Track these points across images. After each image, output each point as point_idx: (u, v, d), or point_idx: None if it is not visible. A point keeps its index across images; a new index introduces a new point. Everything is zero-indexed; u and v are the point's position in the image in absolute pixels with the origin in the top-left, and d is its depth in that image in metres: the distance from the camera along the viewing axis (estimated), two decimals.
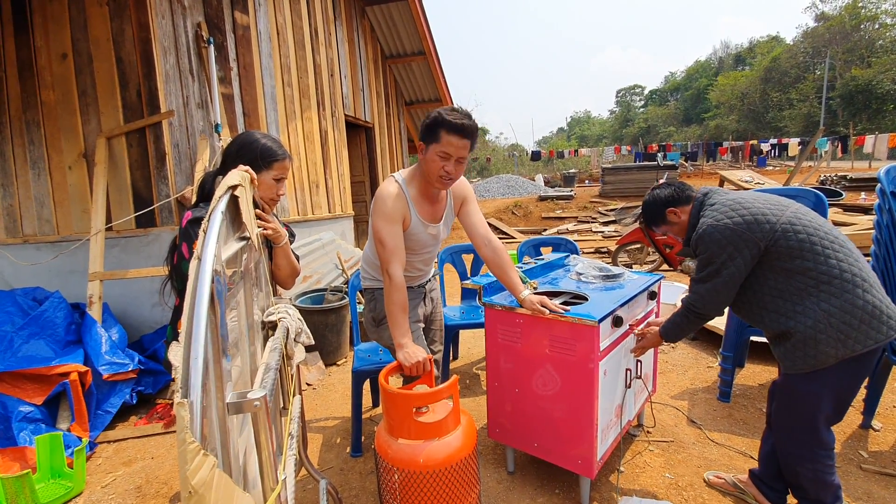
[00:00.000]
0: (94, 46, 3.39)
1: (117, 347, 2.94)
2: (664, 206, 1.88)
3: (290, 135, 4.94)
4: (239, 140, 1.68)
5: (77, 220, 3.59)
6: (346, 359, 3.84)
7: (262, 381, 0.91)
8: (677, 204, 1.87)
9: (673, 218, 1.88)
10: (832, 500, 1.70)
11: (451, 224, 2.07)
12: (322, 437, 2.71)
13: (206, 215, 0.77)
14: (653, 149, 18.53)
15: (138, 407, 3.02)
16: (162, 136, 3.37)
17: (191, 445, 0.56)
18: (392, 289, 1.75)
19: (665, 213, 1.88)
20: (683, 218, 1.87)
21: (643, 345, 2.05)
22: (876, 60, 30.17)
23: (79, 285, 3.31)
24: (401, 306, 1.76)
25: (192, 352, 0.60)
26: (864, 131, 23.80)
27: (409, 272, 2.00)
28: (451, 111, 1.73)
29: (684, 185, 1.91)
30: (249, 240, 1.11)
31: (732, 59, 51.65)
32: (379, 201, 1.81)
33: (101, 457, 2.58)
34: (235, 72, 4.13)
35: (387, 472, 1.59)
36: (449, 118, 1.70)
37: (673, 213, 1.88)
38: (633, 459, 2.32)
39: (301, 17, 5.28)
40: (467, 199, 2.04)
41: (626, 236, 6.07)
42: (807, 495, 1.73)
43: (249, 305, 1.10)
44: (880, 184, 2.27)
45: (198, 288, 0.65)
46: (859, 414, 2.55)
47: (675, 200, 1.88)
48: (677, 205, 1.87)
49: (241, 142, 1.67)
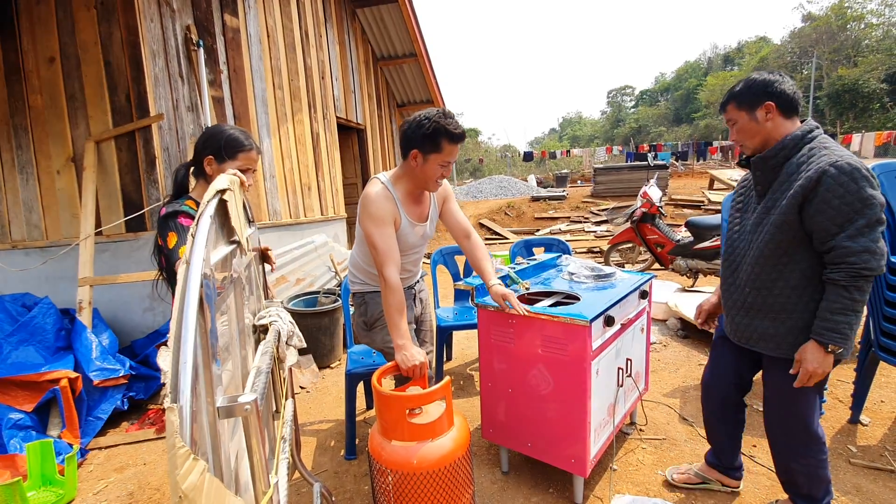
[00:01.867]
0: (82, 50, 3.37)
1: (108, 353, 2.91)
2: (766, 97, 1.54)
3: (282, 137, 4.93)
4: (207, 132, 1.71)
5: (66, 224, 3.56)
6: (340, 361, 3.83)
7: (252, 384, 0.91)
8: (783, 105, 1.54)
9: (762, 115, 1.56)
10: (823, 494, 1.71)
11: (436, 222, 2.10)
12: (316, 440, 2.70)
13: (195, 218, 0.77)
14: (643, 149, 18.68)
15: (130, 413, 3.00)
16: (151, 140, 3.35)
17: (180, 450, 0.56)
18: (388, 291, 1.76)
19: (763, 101, 1.55)
20: (771, 126, 1.56)
21: (807, 381, 1.52)
22: (862, 60, 30.61)
23: (68, 291, 3.28)
24: (398, 308, 1.76)
25: (181, 356, 0.60)
26: (851, 130, 24.11)
27: (400, 274, 2.01)
28: (445, 118, 1.74)
29: (799, 99, 1.58)
30: (239, 244, 1.11)
31: (721, 59, 52.17)
32: (368, 204, 1.80)
33: (92, 463, 2.56)
34: (225, 75, 4.11)
35: (380, 474, 1.59)
36: (449, 128, 1.72)
37: (770, 108, 1.54)
38: (626, 457, 2.33)
39: (291, 20, 5.27)
40: (448, 197, 2.11)
41: (618, 236, 6.10)
42: (799, 491, 1.73)
43: (240, 309, 1.10)
44: None
45: (186, 292, 0.65)
46: (848, 409, 2.59)
47: (784, 101, 1.53)
48: (782, 105, 1.54)
49: (209, 133, 1.70)
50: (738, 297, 1.71)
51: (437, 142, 1.74)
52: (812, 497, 1.71)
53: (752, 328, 1.68)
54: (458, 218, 2.12)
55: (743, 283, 1.68)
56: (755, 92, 1.56)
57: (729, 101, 1.64)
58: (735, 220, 1.79)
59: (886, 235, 2.19)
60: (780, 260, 1.56)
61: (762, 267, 1.60)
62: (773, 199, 1.57)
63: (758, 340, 1.67)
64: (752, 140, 1.61)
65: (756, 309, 1.65)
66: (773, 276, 1.58)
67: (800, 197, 1.46)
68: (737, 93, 1.62)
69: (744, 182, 1.82)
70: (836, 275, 1.44)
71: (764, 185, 1.63)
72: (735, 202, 1.82)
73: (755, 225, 1.64)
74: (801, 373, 1.51)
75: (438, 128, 1.72)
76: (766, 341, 1.64)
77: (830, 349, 1.46)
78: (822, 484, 1.69)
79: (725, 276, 1.79)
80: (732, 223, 1.80)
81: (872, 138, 15.98)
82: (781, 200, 1.53)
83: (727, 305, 1.80)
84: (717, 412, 1.96)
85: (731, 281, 1.75)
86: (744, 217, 1.73)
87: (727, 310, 1.80)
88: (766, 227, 1.57)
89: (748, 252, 1.66)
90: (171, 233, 1.54)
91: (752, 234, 1.65)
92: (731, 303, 1.75)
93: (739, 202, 1.79)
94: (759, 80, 1.57)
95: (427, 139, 1.74)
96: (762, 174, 1.61)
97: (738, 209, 1.79)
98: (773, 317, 1.61)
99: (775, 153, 1.56)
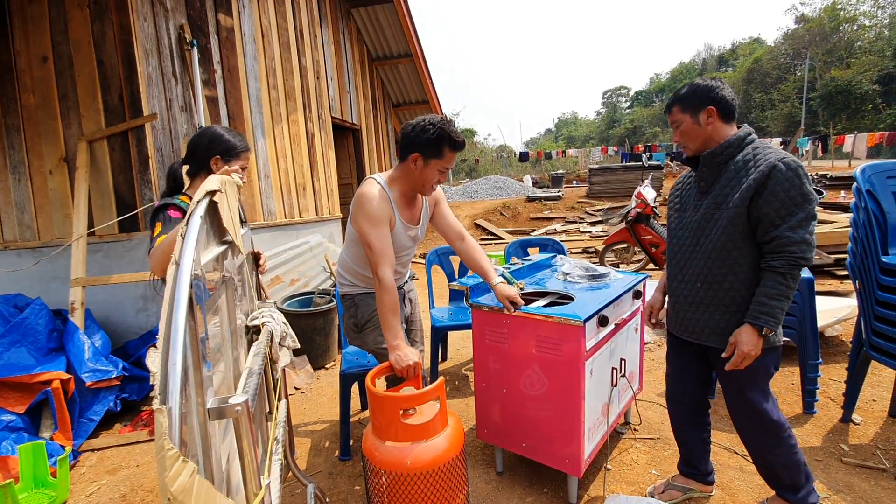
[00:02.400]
0: (75, 49, 3.35)
1: (100, 354, 2.89)
2: (708, 102, 1.62)
3: (276, 137, 4.91)
4: (207, 133, 1.76)
5: (59, 225, 3.53)
6: (335, 362, 3.83)
7: (244, 386, 0.91)
8: (723, 110, 1.63)
9: (704, 118, 1.64)
10: (805, 479, 1.74)
11: (427, 225, 2.11)
12: (310, 441, 2.70)
13: (186, 216, 0.77)
14: (639, 149, 18.70)
15: (123, 414, 2.98)
16: (145, 140, 3.33)
17: (169, 452, 0.56)
18: (383, 291, 1.76)
19: (705, 106, 1.63)
20: (711, 129, 1.64)
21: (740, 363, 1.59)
22: (855, 61, 30.81)
23: (61, 291, 3.25)
24: (392, 308, 1.77)
25: (170, 358, 0.60)
26: (844, 131, 24.26)
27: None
28: (449, 126, 1.78)
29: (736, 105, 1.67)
30: (232, 244, 1.10)
31: (716, 60, 52.39)
32: (364, 203, 1.80)
33: (84, 465, 2.54)
34: (220, 74, 4.09)
35: (374, 475, 1.59)
36: (453, 136, 1.77)
37: (711, 113, 1.63)
38: (620, 457, 2.34)
39: (286, 19, 5.25)
40: (440, 200, 2.12)
41: (613, 236, 6.12)
42: (782, 483, 1.76)
43: (232, 310, 1.09)
44: (857, 183, 2.32)
45: (176, 293, 0.64)
46: (840, 408, 2.60)
47: (724, 106, 1.62)
48: (722, 110, 1.63)
49: (211, 134, 1.75)
50: (689, 292, 1.75)
51: (440, 148, 1.77)
52: (796, 486, 1.74)
53: (703, 323, 1.72)
54: (450, 221, 2.12)
55: (693, 278, 1.73)
56: (699, 97, 1.65)
57: (674, 104, 1.72)
58: (674, 219, 1.86)
59: (876, 234, 2.21)
60: (730, 254, 1.63)
61: (714, 261, 1.66)
62: (721, 196, 1.64)
63: (710, 335, 1.71)
64: (693, 142, 1.70)
65: (706, 303, 1.70)
66: (724, 271, 1.65)
67: (752, 190, 1.54)
68: (682, 96, 1.69)
69: (679, 184, 1.90)
70: (776, 262, 1.53)
71: (708, 182, 1.70)
72: (672, 203, 1.90)
73: (702, 221, 1.70)
74: (735, 355, 1.59)
75: (443, 134, 1.75)
76: (718, 335, 1.69)
77: (764, 332, 1.56)
78: (801, 468, 1.73)
79: (674, 273, 1.83)
80: (671, 222, 1.88)
81: (865, 139, 16.12)
82: (732, 195, 1.61)
83: (676, 301, 1.84)
84: (689, 419, 1.97)
85: (681, 277, 1.79)
86: (683, 215, 1.80)
87: (675, 306, 1.84)
88: (719, 221, 1.64)
89: (697, 248, 1.72)
90: (158, 223, 1.57)
91: (699, 230, 1.71)
92: (682, 298, 1.79)
93: (676, 202, 1.87)
94: (702, 86, 1.65)
95: (430, 144, 1.76)
96: (708, 171, 1.69)
97: (676, 209, 1.86)
98: (723, 310, 1.67)
99: (722, 150, 1.64)
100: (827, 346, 3.48)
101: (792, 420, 2.60)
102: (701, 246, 1.70)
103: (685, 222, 1.78)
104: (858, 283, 2.35)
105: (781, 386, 2.96)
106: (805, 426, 2.53)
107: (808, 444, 2.36)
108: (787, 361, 3.16)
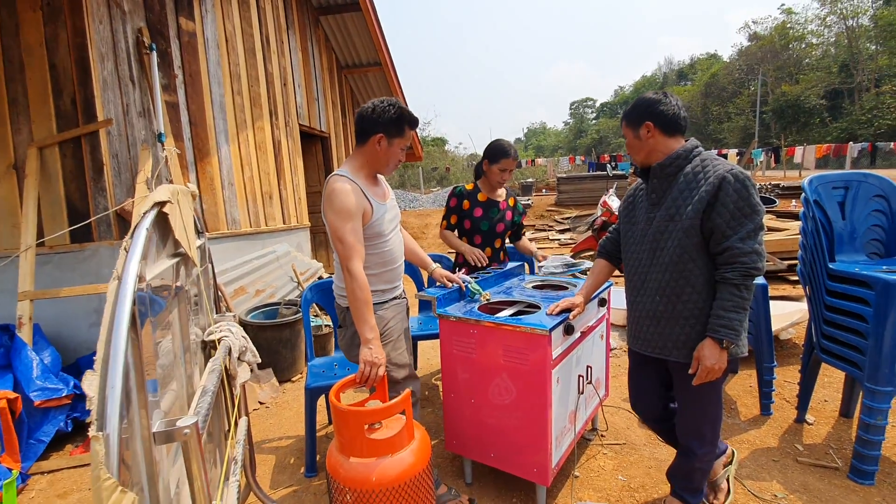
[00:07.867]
0: (27, 53, 3.19)
1: (50, 372, 2.74)
2: (647, 117, 1.66)
3: (241, 144, 4.80)
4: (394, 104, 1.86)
5: (6, 235, 3.33)
6: (302, 375, 3.74)
7: (196, 406, 0.86)
8: (662, 124, 1.65)
9: (644, 132, 1.68)
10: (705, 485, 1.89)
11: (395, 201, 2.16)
12: (275, 457, 2.61)
13: (129, 231, 0.73)
14: (604, 159, 19.16)
15: (74, 435, 2.82)
16: (99, 146, 3.19)
17: (106, 482, 0.53)
18: (356, 285, 1.75)
19: (644, 121, 1.67)
20: (653, 142, 1.67)
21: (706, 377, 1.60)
22: (803, 77, 32.61)
23: (7, 306, 3.07)
24: (366, 302, 1.76)
25: (108, 381, 0.56)
26: (794, 143, 25.57)
27: (395, 283, 2.06)
28: (404, 105, 1.87)
29: (686, 120, 1.70)
30: (185, 256, 1.06)
31: (676, 74, 54.49)
32: (334, 198, 1.77)
33: (34, 489, 2.40)
34: (181, 79, 3.98)
35: (339, 493, 1.55)
36: (411, 114, 1.88)
37: (649, 127, 1.66)
38: (588, 463, 2.36)
39: (252, 25, 5.16)
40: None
41: (581, 244, 6.24)
42: (691, 486, 1.84)
43: (185, 325, 1.05)
44: (804, 193, 2.43)
45: (117, 310, 0.61)
46: (794, 409, 2.70)
47: (663, 121, 1.65)
48: (661, 125, 1.65)
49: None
50: (650, 306, 1.75)
51: (402, 126, 1.87)
52: (700, 489, 1.85)
53: (665, 336, 1.73)
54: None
55: (653, 291, 1.74)
56: (638, 113, 1.70)
57: (622, 120, 1.80)
58: (626, 232, 1.88)
59: (824, 242, 2.32)
60: (686, 266, 1.65)
61: (671, 274, 1.67)
62: (674, 207, 1.65)
63: (671, 350, 1.72)
64: (637, 155, 1.75)
65: (667, 317, 1.71)
66: (682, 283, 1.66)
67: (705, 202, 1.57)
68: (626, 112, 1.76)
69: (629, 196, 1.93)
70: (730, 274, 1.55)
71: (659, 194, 1.72)
72: (622, 216, 1.93)
73: (656, 233, 1.71)
74: (700, 370, 1.60)
75: (403, 113, 1.85)
76: (680, 349, 1.70)
77: (725, 345, 1.56)
78: (708, 474, 1.86)
79: (635, 287, 1.83)
80: (623, 234, 1.91)
81: (814, 151, 17.02)
82: (685, 207, 1.62)
83: (635, 316, 1.85)
84: (659, 423, 2.02)
85: (642, 291, 1.79)
86: (634, 228, 1.82)
87: (636, 320, 1.84)
88: (674, 233, 1.65)
89: (654, 261, 1.72)
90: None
91: (654, 242, 1.72)
92: (643, 312, 1.79)
93: (626, 215, 1.90)
94: (642, 101, 1.71)
95: (393, 123, 1.84)
96: (658, 182, 1.71)
97: (626, 221, 1.89)
98: (682, 323, 1.68)
99: (671, 162, 1.67)
100: (781, 348, 3.61)
101: (750, 422, 2.68)
102: (657, 259, 1.71)
103: (638, 236, 1.79)
104: (808, 288, 2.46)
105: (740, 389, 3.05)
106: (762, 427, 2.61)
107: (765, 445, 2.44)
108: (744, 365, 3.27)
